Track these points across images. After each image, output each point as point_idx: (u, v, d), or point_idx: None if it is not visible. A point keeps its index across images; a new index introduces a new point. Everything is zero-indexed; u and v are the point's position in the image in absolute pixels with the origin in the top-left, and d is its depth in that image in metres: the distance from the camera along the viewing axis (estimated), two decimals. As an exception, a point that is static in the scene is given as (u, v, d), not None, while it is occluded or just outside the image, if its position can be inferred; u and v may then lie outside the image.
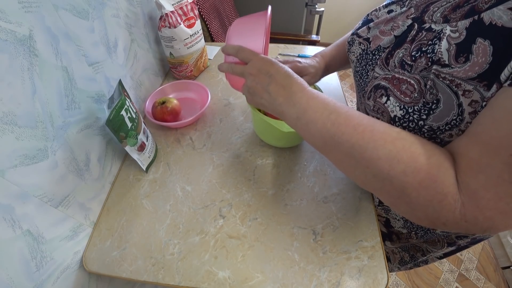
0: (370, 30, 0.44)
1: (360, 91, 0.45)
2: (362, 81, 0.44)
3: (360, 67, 0.45)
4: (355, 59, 0.47)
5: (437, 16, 0.34)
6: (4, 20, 0.33)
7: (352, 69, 0.49)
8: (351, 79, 2.32)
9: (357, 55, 0.46)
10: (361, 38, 0.45)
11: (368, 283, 0.44)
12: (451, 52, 0.30)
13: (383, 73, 0.38)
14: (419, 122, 0.32)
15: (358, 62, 0.45)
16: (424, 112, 0.32)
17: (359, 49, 0.45)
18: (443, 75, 0.30)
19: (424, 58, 0.33)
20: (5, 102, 0.33)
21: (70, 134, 0.44)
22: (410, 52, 0.35)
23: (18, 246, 0.36)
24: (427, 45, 0.33)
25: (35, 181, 0.38)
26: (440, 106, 0.30)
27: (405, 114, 0.33)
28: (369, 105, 0.39)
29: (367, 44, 0.44)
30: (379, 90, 0.37)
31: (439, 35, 0.32)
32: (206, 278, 0.45)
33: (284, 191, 0.56)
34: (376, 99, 0.37)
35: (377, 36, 0.42)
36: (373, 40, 0.43)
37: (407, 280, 1.24)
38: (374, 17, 0.45)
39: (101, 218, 0.53)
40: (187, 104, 0.74)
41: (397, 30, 0.39)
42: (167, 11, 0.69)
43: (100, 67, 0.53)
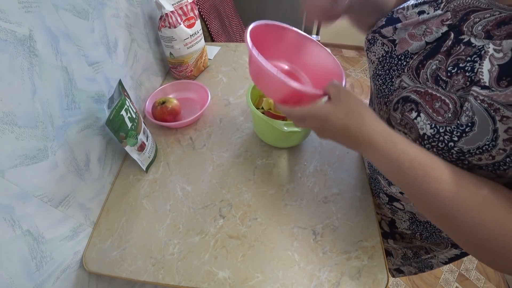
0: (397, 31, 0.40)
1: (382, 97, 0.42)
2: (385, 87, 0.41)
3: (382, 70, 0.41)
4: (376, 60, 0.43)
5: (478, 30, 0.31)
6: (4, 20, 0.33)
7: (371, 70, 0.45)
8: (351, 79, 2.32)
9: (379, 56, 0.42)
10: (385, 38, 0.41)
11: (368, 283, 0.44)
12: (492, 74, 0.28)
13: (413, 84, 0.36)
14: (449, 144, 0.31)
15: (380, 65, 0.42)
16: (456, 134, 0.30)
17: (381, 50, 0.42)
18: (481, 97, 0.28)
19: (461, 76, 0.31)
20: (5, 102, 0.33)
21: (70, 134, 0.44)
22: (446, 66, 0.33)
23: (18, 246, 0.36)
24: (465, 61, 0.31)
25: (35, 181, 0.38)
26: (474, 130, 0.29)
27: (436, 133, 0.31)
28: (395, 117, 0.37)
29: (391, 47, 0.40)
30: (409, 104, 0.35)
31: (480, 52, 0.30)
32: (206, 278, 0.45)
33: (284, 191, 0.56)
34: (405, 113, 0.35)
35: (405, 40, 0.38)
36: (399, 43, 0.39)
37: (407, 280, 1.24)
38: (401, 17, 0.41)
39: (101, 218, 0.53)
40: (187, 104, 0.74)
41: (429, 36, 0.36)
42: (167, 11, 0.69)
43: (100, 67, 0.53)
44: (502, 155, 0.28)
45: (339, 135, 0.36)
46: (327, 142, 0.66)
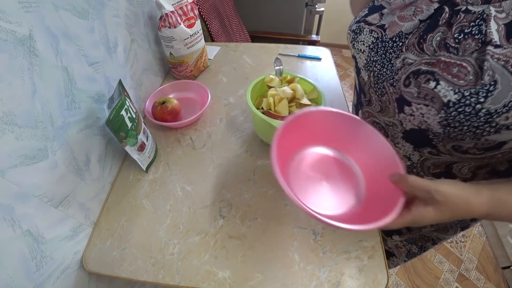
0: (384, 16, 0.41)
1: (384, 81, 0.41)
2: (386, 70, 0.41)
3: (377, 56, 0.42)
4: (366, 49, 0.44)
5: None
6: (4, 20, 0.33)
7: (362, 60, 0.45)
8: (351, 79, 2.32)
9: (369, 43, 0.43)
10: (372, 25, 0.42)
11: (368, 283, 0.44)
12: (501, 33, 0.30)
13: (420, 58, 0.36)
14: (476, 106, 0.31)
15: (373, 51, 0.42)
16: (482, 94, 0.30)
17: (370, 38, 0.43)
18: (497, 56, 0.30)
19: (471, 39, 0.32)
20: (5, 102, 0.33)
21: (70, 134, 0.44)
22: (452, 34, 0.34)
23: (18, 246, 0.36)
24: (470, 26, 0.32)
25: (35, 181, 0.38)
26: (498, 87, 0.30)
27: (461, 98, 0.32)
28: (410, 92, 0.37)
29: (381, 32, 0.41)
30: (423, 76, 0.35)
31: (482, 16, 0.31)
32: (206, 278, 0.45)
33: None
34: (421, 85, 0.35)
35: (395, 23, 0.40)
36: (389, 27, 0.40)
37: (407, 280, 1.24)
38: (384, 3, 0.42)
39: (101, 218, 0.53)
40: (187, 104, 0.74)
41: (421, 15, 0.37)
42: (167, 11, 0.69)
43: (100, 67, 0.53)
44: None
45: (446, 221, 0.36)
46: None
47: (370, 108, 0.49)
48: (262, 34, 1.46)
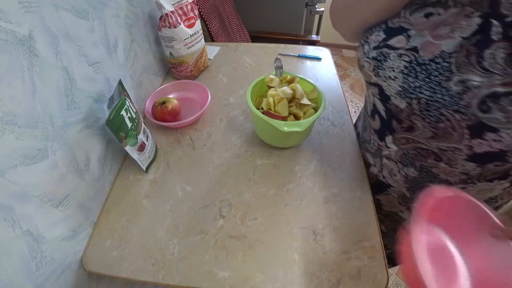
0: (412, 38, 0.37)
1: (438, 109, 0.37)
2: (439, 95, 0.36)
3: (418, 81, 0.37)
4: (398, 75, 0.39)
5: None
6: (4, 20, 0.33)
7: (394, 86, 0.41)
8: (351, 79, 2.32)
9: (401, 68, 0.39)
10: (399, 49, 0.38)
11: (368, 283, 0.44)
12: None
13: (488, 79, 0.33)
14: None
15: (410, 76, 0.38)
16: None
17: (401, 62, 0.38)
18: None
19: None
20: (5, 102, 0.33)
21: (70, 134, 0.44)
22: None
23: (18, 246, 0.36)
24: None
25: (35, 181, 0.38)
26: None
27: None
28: (495, 118, 0.33)
29: (414, 55, 0.37)
30: (505, 98, 0.32)
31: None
32: (206, 278, 0.45)
33: (284, 191, 0.56)
34: (506, 108, 0.32)
35: (431, 43, 0.36)
36: (424, 48, 0.36)
37: (407, 280, 1.24)
38: (405, 25, 0.38)
39: (101, 218, 0.53)
40: (187, 104, 0.74)
41: (462, 31, 0.34)
42: (167, 11, 0.69)
43: (100, 67, 0.53)
44: None
45: None
46: (327, 142, 0.66)
47: (413, 135, 0.44)
48: (262, 34, 1.46)
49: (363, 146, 0.62)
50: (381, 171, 0.55)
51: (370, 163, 0.59)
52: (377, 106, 0.48)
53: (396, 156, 0.50)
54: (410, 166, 0.48)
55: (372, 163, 0.57)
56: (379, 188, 0.58)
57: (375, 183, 0.58)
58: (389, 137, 0.49)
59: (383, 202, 0.60)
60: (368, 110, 0.54)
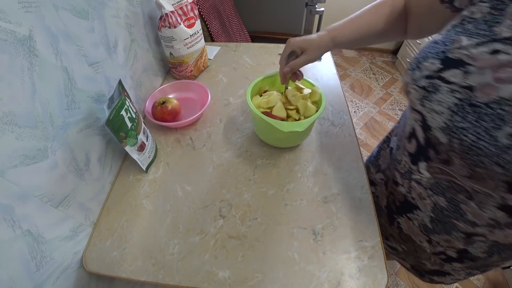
0: (471, 75, 0.34)
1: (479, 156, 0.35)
2: (484, 143, 0.33)
3: (465, 122, 0.34)
4: (446, 111, 0.36)
5: None
6: (4, 20, 0.33)
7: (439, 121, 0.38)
8: (351, 79, 2.32)
9: (450, 105, 0.36)
10: (453, 84, 0.35)
11: (368, 283, 0.44)
12: None
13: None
14: None
15: (458, 115, 0.35)
16: None
17: (452, 98, 0.35)
18: None
19: None
20: (5, 102, 0.33)
21: (70, 134, 0.44)
22: None
23: (18, 246, 0.36)
24: None
25: (35, 181, 0.38)
26: None
27: None
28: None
29: (468, 93, 0.34)
30: None
31: None
32: (206, 278, 0.45)
33: (284, 191, 0.56)
34: None
35: (491, 85, 0.32)
36: (481, 89, 0.33)
37: (407, 280, 1.24)
38: (465, 58, 0.34)
39: (101, 218, 0.53)
40: (187, 104, 0.74)
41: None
42: (167, 11, 0.69)
43: (100, 67, 0.53)
44: None
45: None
46: (327, 142, 0.66)
47: (448, 168, 0.41)
48: (262, 34, 1.46)
49: (392, 163, 0.58)
50: (409, 192, 0.52)
51: (398, 182, 0.54)
52: (416, 131, 0.45)
53: (427, 183, 0.46)
54: (441, 195, 0.45)
55: (400, 183, 0.53)
56: (406, 208, 0.54)
57: (403, 202, 0.54)
58: (423, 164, 0.46)
59: (403, 227, 0.57)
60: (406, 131, 0.49)
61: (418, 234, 0.54)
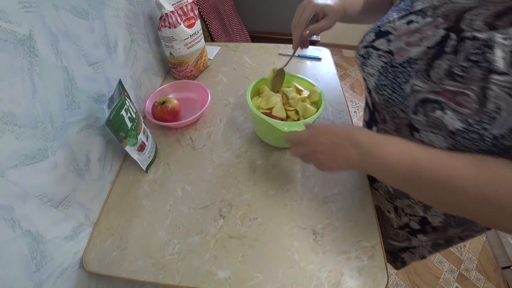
0: (391, 42, 0.42)
1: (394, 105, 0.41)
2: (396, 95, 0.41)
3: (387, 80, 0.42)
4: (376, 73, 0.44)
5: (478, 24, 0.33)
6: (4, 20, 0.33)
7: (372, 83, 0.46)
8: (351, 79, 2.32)
9: (378, 68, 0.44)
10: (379, 50, 0.43)
11: (368, 283, 0.44)
12: (506, 60, 0.30)
13: (428, 86, 0.36)
14: (481, 132, 0.32)
15: (383, 76, 0.43)
16: (487, 121, 0.31)
17: (379, 62, 0.43)
18: (501, 83, 0.30)
19: (476, 68, 0.32)
20: (5, 102, 0.33)
21: (70, 134, 0.44)
22: (457, 63, 0.34)
23: (18, 246, 0.36)
24: (476, 54, 0.32)
25: (35, 181, 0.38)
26: (502, 114, 0.30)
27: (467, 126, 0.32)
28: (419, 120, 0.37)
29: (390, 57, 0.42)
30: (430, 104, 0.35)
31: (488, 43, 0.31)
32: (206, 278, 0.45)
33: (284, 191, 0.56)
34: (428, 113, 0.36)
35: (403, 48, 0.40)
36: (397, 52, 0.41)
37: (407, 280, 1.24)
38: (390, 29, 0.43)
39: (101, 218, 0.53)
40: (187, 104, 0.74)
41: (427, 41, 0.37)
42: (167, 11, 0.69)
43: (100, 67, 0.53)
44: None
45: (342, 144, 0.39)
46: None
47: (386, 126, 0.48)
48: (262, 34, 1.46)
49: None
50: None
51: None
52: (366, 98, 0.54)
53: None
54: None
55: None
56: (373, 178, 0.59)
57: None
58: (374, 128, 0.52)
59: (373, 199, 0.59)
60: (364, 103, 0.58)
61: (385, 203, 0.59)
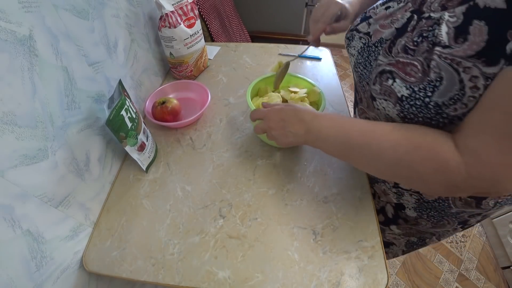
0: (370, 25, 0.47)
1: (364, 80, 0.47)
2: (366, 71, 0.46)
3: (362, 59, 0.47)
4: (356, 53, 0.49)
5: (435, 6, 0.37)
6: (4, 20, 0.32)
7: (352, 62, 0.51)
8: (352, 79, 2.32)
9: (358, 48, 0.48)
10: (361, 33, 0.48)
11: (368, 283, 0.44)
12: (450, 35, 0.33)
13: (387, 60, 0.41)
14: (425, 99, 0.35)
15: (360, 55, 0.48)
16: (429, 89, 0.34)
17: (360, 43, 0.48)
18: (444, 55, 0.33)
19: (425, 42, 0.36)
20: (5, 102, 0.33)
21: (70, 134, 0.44)
22: (412, 38, 0.38)
23: (18, 246, 0.36)
24: (428, 31, 0.36)
25: (35, 181, 0.38)
26: (443, 83, 0.33)
27: (412, 93, 0.36)
28: (375, 89, 0.41)
29: (368, 38, 0.46)
30: (385, 75, 0.40)
31: (438, 21, 0.35)
32: (206, 278, 0.45)
33: (284, 191, 0.56)
34: (382, 83, 0.40)
35: (378, 30, 0.45)
36: (374, 34, 0.45)
37: (407, 280, 1.24)
38: (372, 14, 0.48)
39: (101, 218, 0.53)
40: (187, 104, 0.74)
41: (397, 23, 0.42)
42: (167, 11, 0.69)
43: (100, 67, 0.53)
44: (473, 102, 0.32)
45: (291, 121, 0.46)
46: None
47: (362, 105, 0.53)
48: (262, 34, 1.46)
49: None
50: None
51: None
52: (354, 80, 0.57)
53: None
54: None
55: None
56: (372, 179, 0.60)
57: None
58: (356, 109, 0.56)
59: (379, 192, 0.61)
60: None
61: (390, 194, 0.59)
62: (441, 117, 0.35)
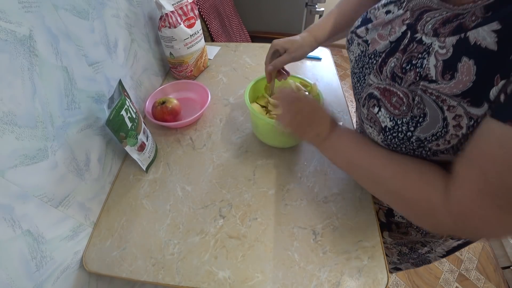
0: (369, 32, 0.43)
1: (356, 94, 0.46)
2: (359, 84, 0.45)
3: (357, 69, 0.45)
4: (353, 59, 0.47)
5: (428, 28, 0.34)
6: (4, 20, 0.33)
7: (351, 68, 0.49)
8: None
9: (356, 55, 0.46)
10: (360, 38, 0.45)
11: (368, 283, 0.44)
12: (438, 69, 0.31)
13: (377, 81, 0.39)
14: (407, 133, 0.34)
15: (356, 63, 0.45)
16: (412, 124, 0.33)
17: (358, 50, 0.45)
18: (430, 90, 0.31)
19: (413, 72, 0.34)
20: (5, 102, 0.33)
21: (70, 134, 0.44)
22: (401, 63, 0.36)
23: (18, 246, 0.36)
24: (417, 58, 0.34)
25: (35, 181, 0.38)
26: (426, 120, 0.32)
27: (395, 125, 0.35)
28: (363, 112, 0.41)
29: (365, 46, 0.44)
30: (372, 100, 0.39)
31: (428, 50, 0.33)
32: (206, 278, 0.45)
33: (284, 191, 0.56)
34: (369, 108, 0.39)
35: (375, 40, 0.42)
36: (371, 43, 0.43)
37: (407, 280, 1.24)
38: (372, 17, 0.44)
39: (101, 218, 0.53)
40: (187, 104, 0.74)
41: (393, 36, 0.39)
42: (167, 11, 0.69)
43: (100, 67, 0.53)
44: (456, 139, 0.31)
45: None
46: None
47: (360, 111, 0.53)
48: (262, 34, 1.46)
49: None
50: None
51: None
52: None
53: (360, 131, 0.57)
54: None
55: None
56: None
57: None
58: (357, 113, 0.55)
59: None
60: None
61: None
62: (423, 150, 0.35)
